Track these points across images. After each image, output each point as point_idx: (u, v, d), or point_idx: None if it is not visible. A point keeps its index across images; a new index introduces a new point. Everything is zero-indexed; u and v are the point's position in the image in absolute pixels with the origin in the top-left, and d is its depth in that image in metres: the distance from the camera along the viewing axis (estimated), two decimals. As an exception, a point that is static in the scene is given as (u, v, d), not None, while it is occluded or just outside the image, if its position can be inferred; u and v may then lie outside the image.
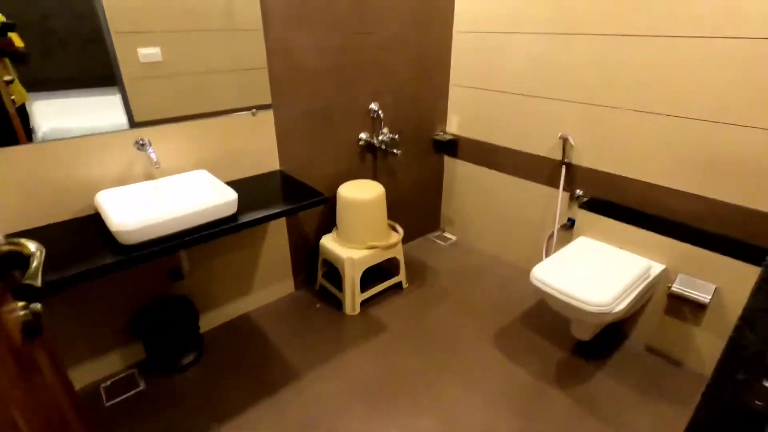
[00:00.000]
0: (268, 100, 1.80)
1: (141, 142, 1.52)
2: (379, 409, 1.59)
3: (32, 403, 0.47)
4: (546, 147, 2.15)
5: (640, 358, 1.84)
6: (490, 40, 2.22)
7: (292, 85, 1.86)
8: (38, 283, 0.43)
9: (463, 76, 2.43)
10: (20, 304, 0.53)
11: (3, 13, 1.23)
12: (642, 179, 1.83)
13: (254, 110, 1.78)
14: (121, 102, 1.48)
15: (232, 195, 1.44)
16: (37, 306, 0.54)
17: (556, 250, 2.21)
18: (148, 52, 1.49)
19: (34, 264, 0.45)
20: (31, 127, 1.34)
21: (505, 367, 1.78)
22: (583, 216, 1.96)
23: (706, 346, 1.72)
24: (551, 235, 2.25)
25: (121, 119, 1.49)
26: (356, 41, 2.00)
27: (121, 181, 1.54)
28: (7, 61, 1.27)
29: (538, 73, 2.07)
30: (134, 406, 1.61)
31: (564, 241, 2.19)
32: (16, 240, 0.49)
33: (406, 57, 2.24)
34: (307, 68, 1.88)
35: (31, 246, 0.50)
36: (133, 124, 1.51)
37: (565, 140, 2.04)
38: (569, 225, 2.14)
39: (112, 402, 1.62)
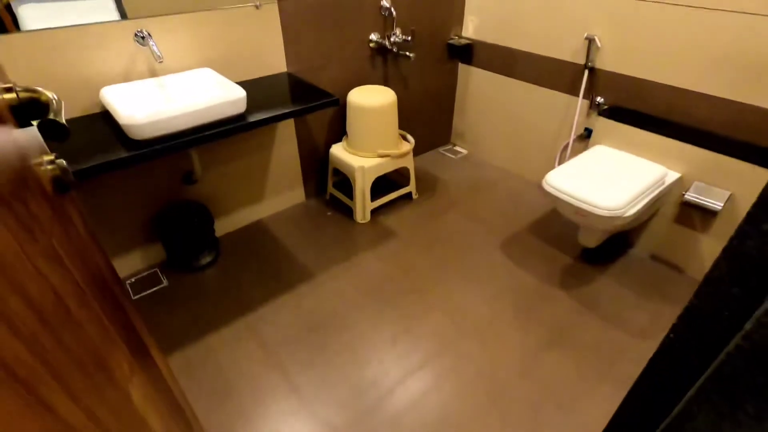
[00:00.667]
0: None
1: (141, 34, 1.44)
2: (389, 304, 1.68)
3: (69, 244, 0.49)
4: (570, 50, 2.01)
5: (643, 264, 1.89)
6: (517, -76, 1.98)
7: (298, -25, 1.71)
8: (62, 119, 0.42)
9: (484, -30, 2.21)
10: (47, 158, 0.53)
11: None
12: (670, 83, 1.73)
13: (258, 3, 1.66)
14: (114, 3, 1.37)
15: (240, 92, 1.39)
16: (63, 162, 0.54)
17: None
18: None
19: (55, 105, 0.44)
20: (19, 28, 1.27)
21: (512, 271, 1.85)
22: (601, 124, 1.89)
23: (711, 253, 1.75)
24: (566, 147, 2.19)
25: (113, 15, 1.39)
26: None
27: (126, 77, 1.49)
28: None
29: (567, -37, 1.87)
30: (160, 300, 1.71)
31: (579, 151, 2.15)
32: (32, 87, 0.47)
33: (421, -56, 2.02)
34: (313, -46, 1.71)
35: (48, 93, 0.49)
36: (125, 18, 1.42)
37: (590, 41, 1.90)
38: (586, 135, 2.08)
39: (139, 296, 1.73)
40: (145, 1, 1.43)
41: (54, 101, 0.45)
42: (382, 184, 2.17)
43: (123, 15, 1.41)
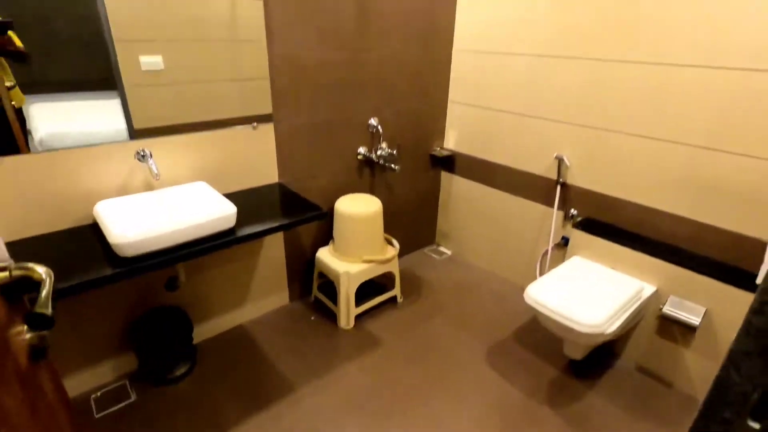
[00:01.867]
0: (268, 110, 1.82)
1: (142, 153, 1.53)
2: (372, 425, 1.59)
3: (35, 427, 0.48)
4: (542, 166, 2.18)
5: (631, 377, 1.86)
6: (488, 60, 2.27)
7: (294, 100, 1.89)
8: (49, 311, 0.44)
9: (462, 94, 2.47)
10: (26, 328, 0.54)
11: (4, 14, 1.22)
12: (635, 201, 1.86)
13: (255, 124, 1.80)
14: (121, 107, 1.48)
15: (231, 209, 1.45)
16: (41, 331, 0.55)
17: (550, 268, 2.24)
18: (150, 61, 1.50)
19: (44, 292, 0.46)
20: (27, 129, 1.34)
21: (498, 385, 1.79)
22: (577, 236, 1.99)
23: (696, 367, 1.74)
24: (545, 253, 2.27)
25: (120, 124, 1.49)
26: (358, 58, 2.04)
27: (121, 191, 1.55)
28: (5, 62, 1.27)
29: (534, 94, 2.11)
30: (125, 418, 1.59)
31: (558, 260, 2.22)
32: (25, 264, 0.50)
33: (406, 73, 2.27)
34: (308, 83, 1.91)
35: (40, 270, 0.51)
36: (132, 130, 1.52)
37: (560, 160, 2.07)
38: (563, 243, 2.17)
39: (103, 414, 1.61)
40: (151, 106, 1.54)
41: (46, 282, 0.47)
42: (367, 288, 2.17)
43: (128, 119, 1.50)
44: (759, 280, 0.83)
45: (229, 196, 1.78)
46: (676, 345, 1.77)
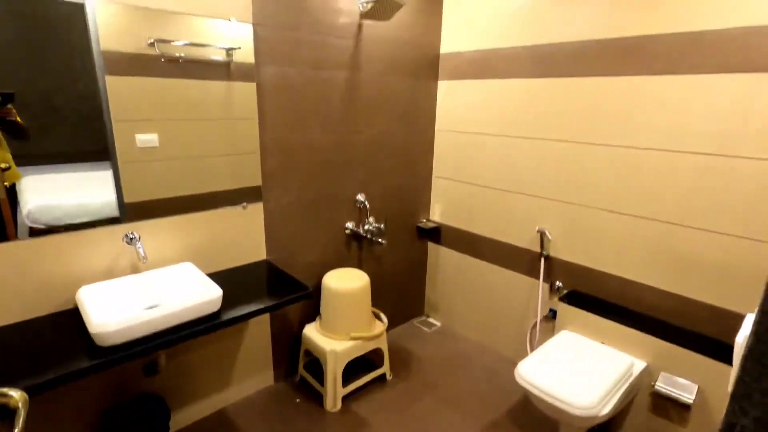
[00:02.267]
0: (258, 182, 1.87)
1: (131, 236, 1.55)
2: None
3: None
4: (525, 239, 2.24)
5: (631, 461, 1.78)
6: (467, 139, 2.41)
7: (283, 180, 1.96)
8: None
9: (445, 169, 2.59)
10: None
11: (9, 89, 1.26)
12: (617, 274, 1.91)
13: (245, 204, 1.85)
14: (113, 180, 1.50)
15: (216, 292, 1.44)
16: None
17: (540, 342, 2.22)
18: (146, 138, 1.55)
19: (21, 420, 0.46)
20: (17, 202, 1.34)
21: (493, 473, 1.69)
22: (563, 309, 2.00)
23: (696, 449, 1.68)
24: (534, 326, 2.26)
25: (110, 197, 1.50)
26: (346, 139, 2.15)
27: (107, 274, 1.54)
28: (3, 141, 1.28)
29: (511, 171, 2.22)
30: None
31: (547, 332, 2.21)
32: (5, 392, 0.50)
33: (392, 151, 2.39)
34: (298, 164, 1.99)
35: (14, 394, 0.51)
36: (123, 204, 1.53)
37: (542, 234, 2.14)
38: (551, 316, 2.17)
39: None
40: (143, 181, 1.56)
41: (21, 413, 0.47)
42: (355, 364, 2.11)
43: (119, 194, 1.52)
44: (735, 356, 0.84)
45: (216, 275, 1.77)
46: (672, 424, 1.72)
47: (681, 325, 1.73)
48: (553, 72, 1.98)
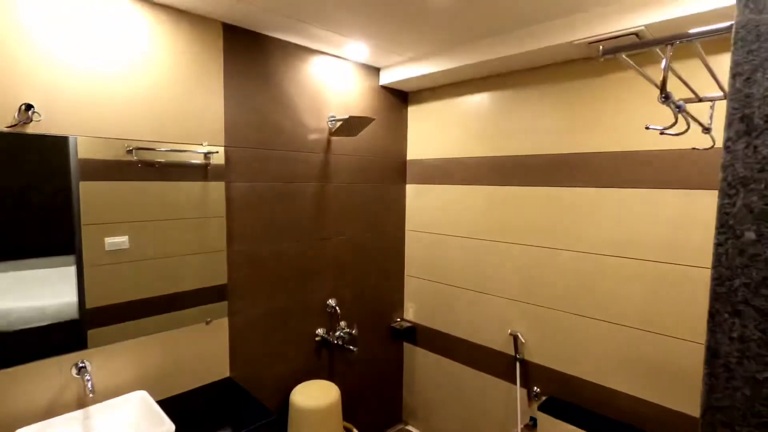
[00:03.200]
0: (224, 280, 1.82)
1: (81, 364, 1.46)
2: None
3: None
4: (498, 341, 2.21)
5: None
6: (436, 239, 2.47)
7: (252, 290, 1.93)
8: None
9: (417, 269, 2.61)
10: None
11: None
12: (593, 380, 1.87)
13: (209, 319, 1.79)
14: (75, 282, 1.44)
15: (169, 429, 1.34)
16: None
17: (523, 456, 2.09)
18: (116, 241, 1.52)
19: None
20: None
21: None
22: (543, 419, 1.91)
23: None
24: (516, 436, 2.14)
25: (71, 298, 1.43)
26: (316, 246, 2.17)
27: (48, 411, 1.41)
28: None
29: (480, 272, 2.26)
30: None
31: (530, 444, 2.08)
32: None
33: (363, 253, 2.42)
34: (266, 274, 1.98)
35: None
36: (84, 309, 1.46)
37: (515, 337, 2.12)
38: (533, 425, 2.07)
39: None
40: (108, 283, 1.50)
41: None
42: (324, 495, 1.91)
43: (81, 297, 1.44)
44: None
45: (173, 400, 1.66)
46: None
47: (662, 437, 1.67)
48: (509, 180, 2.11)
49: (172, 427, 1.35)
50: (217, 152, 1.76)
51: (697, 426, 1.56)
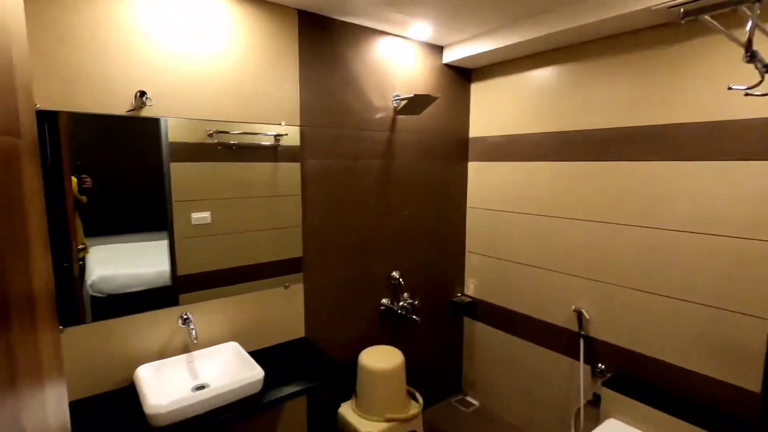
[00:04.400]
0: (299, 254, 1.99)
1: (185, 316, 1.69)
2: None
3: None
4: (562, 317, 2.21)
5: None
6: (498, 217, 2.49)
7: (322, 261, 2.09)
8: None
9: (478, 245, 2.65)
10: None
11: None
12: (662, 359, 1.83)
13: (287, 284, 1.98)
14: (168, 254, 1.66)
15: (259, 374, 1.53)
16: None
17: (585, 429, 2.10)
18: (200, 216, 1.73)
19: None
20: (84, 273, 1.51)
21: None
22: (608, 395, 1.91)
23: None
24: (578, 412, 2.15)
25: (164, 267, 1.66)
26: (382, 220, 2.29)
27: (161, 353, 1.67)
28: (80, 223, 1.48)
29: (544, 248, 2.26)
30: None
31: (592, 418, 2.09)
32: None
33: (425, 230, 2.50)
34: (336, 245, 2.13)
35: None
36: (176, 276, 1.68)
37: (579, 313, 2.11)
38: (595, 401, 2.07)
39: None
40: (195, 254, 1.72)
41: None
42: (390, 450, 2.06)
43: (173, 265, 1.67)
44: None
45: (258, 353, 1.87)
46: None
47: (742, 417, 1.61)
48: (577, 156, 2.07)
49: (262, 372, 1.54)
50: (287, 134, 1.90)
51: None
